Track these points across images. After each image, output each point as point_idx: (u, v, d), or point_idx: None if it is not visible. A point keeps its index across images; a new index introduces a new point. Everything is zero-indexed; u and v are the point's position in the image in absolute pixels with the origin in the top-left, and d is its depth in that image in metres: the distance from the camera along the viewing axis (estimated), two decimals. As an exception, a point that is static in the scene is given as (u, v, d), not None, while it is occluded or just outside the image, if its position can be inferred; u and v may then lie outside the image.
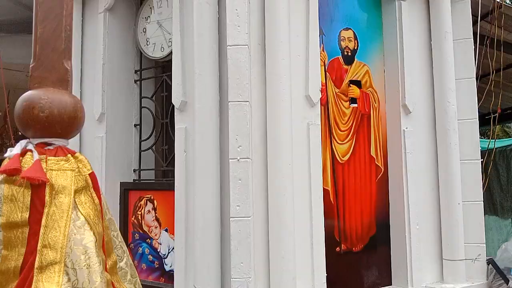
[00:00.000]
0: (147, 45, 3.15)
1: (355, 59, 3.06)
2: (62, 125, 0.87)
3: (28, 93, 0.87)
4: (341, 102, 2.95)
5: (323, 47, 2.89)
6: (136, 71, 3.26)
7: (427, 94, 3.23)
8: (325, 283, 2.60)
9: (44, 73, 0.87)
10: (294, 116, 2.51)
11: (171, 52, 2.95)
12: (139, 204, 2.98)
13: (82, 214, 0.86)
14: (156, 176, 3.23)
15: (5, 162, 0.86)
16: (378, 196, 3.07)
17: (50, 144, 0.89)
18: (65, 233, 0.82)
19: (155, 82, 3.32)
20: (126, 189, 3.02)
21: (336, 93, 2.93)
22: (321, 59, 2.79)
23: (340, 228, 2.89)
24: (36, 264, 0.79)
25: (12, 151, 0.87)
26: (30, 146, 0.88)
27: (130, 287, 0.96)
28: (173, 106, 2.75)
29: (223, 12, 2.50)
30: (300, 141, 2.54)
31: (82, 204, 0.87)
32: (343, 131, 2.93)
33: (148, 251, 2.88)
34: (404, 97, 3.02)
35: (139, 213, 2.97)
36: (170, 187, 2.70)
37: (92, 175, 0.92)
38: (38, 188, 0.83)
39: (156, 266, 2.84)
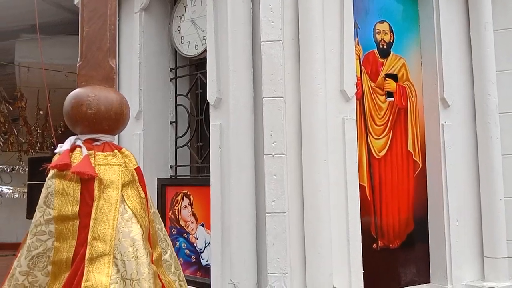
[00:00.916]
0: (182, 43, 3.20)
1: (391, 52, 3.00)
2: (109, 122, 0.90)
3: (76, 91, 0.90)
4: (377, 96, 2.90)
5: (357, 41, 2.85)
6: (171, 69, 3.32)
7: (467, 87, 3.12)
8: (362, 280, 2.58)
9: (91, 72, 0.90)
10: (329, 111, 2.48)
11: (205, 50, 2.98)
12: (175, 200, 3.04)
13: (129, 208, 0.89)
14: (192, 172, 3.28)
15: (55, 158, 0.90)
16: (415, 191, 3.00)
17: (97, 140, 0.92)
18: (114, 226, 0.84)
19: (190, 80, 3.36)
20: (163, 185, 3.08)
21: (371, 87, 2.88)
22: (356, 52, 2.75)
23: (376, 224, 2.85)
24: (87, 256, 0.82)
25: (62, 147, 0.91)
26: (78, 142, 0.91)
27: (174, 279, 0.98)
28: (208, 103, 2.78)
29: (257, 8, 2.50)
30: (335, 136, 2.51)
31: (129, 198, 0.90)
32: (379, 125, 2.88)
33: (185, 245, 2.94)
34: (443, 90, 2.94)
35: (176, 208, 3.02)
36: (206, 183, 2.74)
37: (137, 170, 0.94)
38: (87, 183, 0.86)
39: (193, 260, 2.89)
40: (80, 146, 0.90)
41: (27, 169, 10.71)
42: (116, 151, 0.92)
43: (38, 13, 3.51)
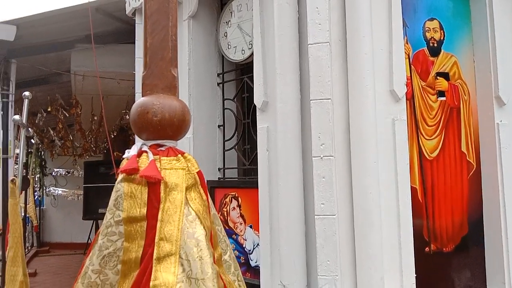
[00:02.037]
0: (229, 48, 3.26)
1: (442, 50, 2.91)
2: (173, 128, 0.95)
3: (142, 99, 0.96)
4: (428, 96, 2.83)
5: (406, 39, 2.79)
6: (218, 75, 3.39)
7: (524, 84, 2.98)
8: (415, 284, 2.51)
9: (155, 81, 0.95)
10: (379, 112, 2.45)
11: (252, 54, 3.02)
12: (224, 201, 3.09)
13: (193, 210, 0.93)
14: (239, 174, 3.33)
15: (123, 163, 0.96)
16: (470, 193, 2.89)
17: (162, 146, 0.97)
18: (179, 227, 0.88)
19: (237, 84, 3.42)
20: (212, 187, 3.15)
21: (422, 87, 2.81)
22: (405, 51, 2.69)
23: (429, 227, 2.77)
24: (155, 255, 0.86)
25: (130, 153, 0.96)
26: (145, 148, 0.96)
27: (233, 279, 1.01)
28: (255, 106, 2.82)
29: (303, 10, 2.51)
30: (385, 137, 2.47)
31: (192, 200, 0.94)
32: (431, 126, 2.81)
33: (234, 246, 2.98)
34: (498, 88, 2.82)
35: (225, 210, 3.08)
36: (253, 185, 2.77)
37: (199, 173, 0.98)
38: (154, 186, 0.91)
39: (242, 261, 2.93)
40: (146, 152, 0.95)
41: (82, 172, 11.24)
42: (179, 155, 0.96)
43: (91, 24, 3.69)
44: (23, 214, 8.26)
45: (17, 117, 2.16)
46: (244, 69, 3.29)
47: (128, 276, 0.89)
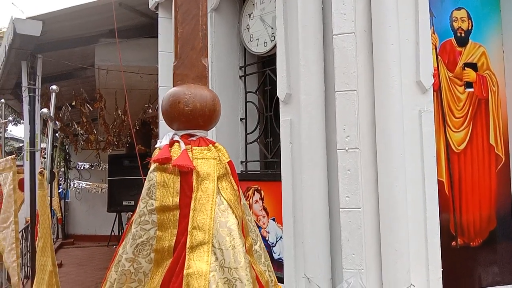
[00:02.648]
0: (251, 41, 3.25)
1: (470, 40, 2.84)
2: (204, 118, 0.95)
3: (173, 89, 0.96)
4: (455, 87, 2.76)
5: (433, 29, 2.73)
6: (240, 67, 3.38)
7: (555, 74, 2.88)
8: (441, 278, 2.47)
9: (185, 71, 0.95)
10: (405, 104, 2.40)
11: (274, 46, 3.00)
12: (247, 194, 3.10)
13: (225, 199, 0.93)
14: (262, 168, 3.33)
15: (156, 152, 0.96)
16: (498, 187, 2.82)
17: (193, 136, 0.97)
18: (212, 216, 0.89)
19: (259, 77, 3.41)
20: (235, 180, 3.15)
21: (449, 78, 2.75)
22: (432, 42, 2.63)
23: (456, 221, 2.72)
24: (188, 244, 0.87)
25: (162, 142, 0.97)
26: (176, 137, 0.97)
27: (264, 269, 1.01)
28: (277, 99, 2.80)
29: (328, 1, 2.47)
30: (411, 129, 2.43)
31: (224, 190, 0.94)
32: (458, 118, 2.74)
33: (258, 239, 2.99)
34: (528, 78, 2.74)
35: (248, 202, 3.08)
36: (276, 178, 2.77)
37: (230, 163, 0.98)
38: (186, 175, 0.91)
39: (265, 254, 2.93)
40: (178, 141, 0.96)
41: (105, 166, 11.43)
42: (210, 145, 0.96)
43: (115, 18, 3.72)
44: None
45: (45, 110, 2.20)
46: (266, 62, 3.27)
47: (161, 264, 0.90)
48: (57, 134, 9.37)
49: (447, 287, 2.50)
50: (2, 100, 4.28)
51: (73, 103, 6.29)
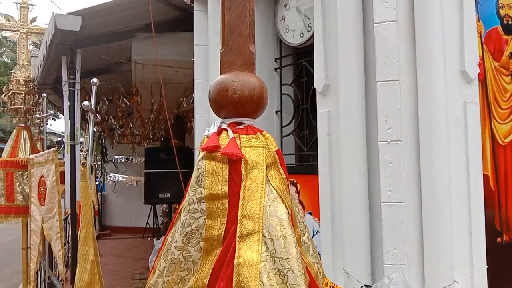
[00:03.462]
0: (287, 32, 3.21)
1: (518, 28, 2.70)
2: (252, 105, 0.93)
3: (221, 77, 0.95)
4: (501, 77, 2.64)
5: (478, 17, 2.61)
6: (275, 59, 3.35)
7: None
8: (486, 276, 2.38)
9: (232, 58, 0.94)
10: (449, 94, 2.31)
11: (311, 37, 2.95)
12: (283, 188, 3.07)
13: (274, 188, 0.91)
14: (297, 161, 3.29)
15: (203, 141, 0.95)
16: (548, 182, 2.68)
17: (240, 124, 0.95)
18: (261, 205, 0.87)
19: (294, 69, 3.37)
20: (271, 173, 3.13)
21: (495, 67, 2.62)
22: (477, 30, 2.52)
23: (501, 217, 2.61)
24: (238, 233, 0.86)
25: (210, 131, 0.96)
26: (224, 126, 0.95)
27: (313, 261, 0.99)
28: (313, 91, 2.75)
29: (368, -11, 2.41)
30: (456, 121, 2.34)
31: (272, 179, 0.92)
32: (504, 109, 2.62)
33: (294, 233, 2.96)
34: None
35: (284, 196, 3.06)
36: (312, 171, 2.73)
37: (278, 152, 0.96)
38: (235, 163, 0.90)
39: (302, 248, 2.91)
40: (226, 130, 0.94)
41: (140, 159, 11.67)
42: (258, 133, 0.94)
43: (151, 12, 3.76)
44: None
45: (86, 103, 2.25)
46: (302, 53, 3.23)
47: (211, 253, 0.89)
48: (94, 128, 9.63)
49: (492, 284, 2.40)
50: (44, 94, 4.43)
51: (110, 98, 6.43)
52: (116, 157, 12.24)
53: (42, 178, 3.58)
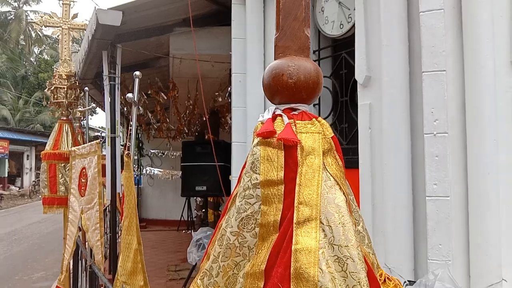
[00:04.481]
0: (326, 23, 3.16)
1: None
2: (307, 91, 0.91)
3: (275, 62, 0.93)
4: (555, 67, 2.50)
5: (530, 5, 2.48)
6: (314, 51, 3.31)
7: None
8: (536, 275, 2.28)
9: (287, 42, 0.92)
10: (498, 85, 2.22)
11: (351, 28, 2.90)
12: (322, 181, 3.04)
13: (331, 175, 0.90)
14: (336, 155, 3.25)
15: (258, 127, 0.95)
16: None
17: (295, 110, 0.94)
18: (318, 192, 0.86)
19: (333, 61, 3.32)
20: (309, 166, 3.11)
21: (548, 57, 2.49)
22: (529, 18, 2.40)
23: (553, 214, 2.48)
24: (295, 220, 0.84)
25: (264, 117, 0.95)
26: (278, 112, 0.94)
27: (368, 251, 0.96)
28: (353, 83, 2.70)
29: (413, -23, 2.34)
30: (505, 113, 2.24)
31: (329, 165, 0.90)
32: (558, 101, 2.49)
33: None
34: None
35: (323, 190, 3.03)
36: (352, 165, 2.68)
37: (334, 138, 0.94)
38: (290, 149, 0.88)
39: (341, 242, 2.87)
40: (280, 115, 0.93)
41: (175, 153, 11.85)
42: (314, 119, 0.93)
43: (190, 7, 3.79)
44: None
45: (130, 95, 2.29)
46: (341, 45, 3.18)
47: (266, 239, 0.88)
48: (131, 123, 9.84)
49: (542, 284, 2.30)
50: (86, 88, 4.56)
51: (149, 92, 6.54)
52: (152, 151, 12.50)
53: (84, 170, 3.69)
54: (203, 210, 9.30)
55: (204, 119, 6.86)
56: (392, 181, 2.33)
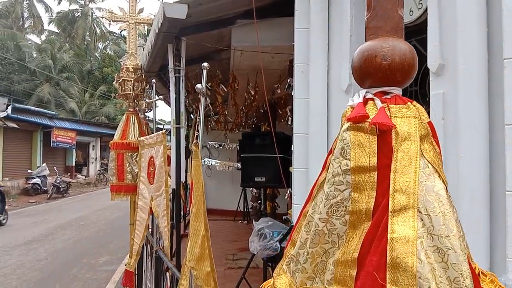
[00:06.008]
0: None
1: None
2: (402, 73, 0.87)
3: (367, 43, 0.90)
4: None
5: None
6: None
7: None
8: None
9: (379, 23, 0.89)
10: None
11: (422, 14, 2.77)
12: (388, 174, 2.95)
13: (429, 162, 0.85)
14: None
15: (347, 112, 0.92)
16: None
17: (387, 93, 0.90)
18: (416, 180, 0.82)
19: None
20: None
21: None
22: None
23: None
24: (390, 208, 0.81)
25: (354, 101, 0.92)
26: (369, 95, 0.91)
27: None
28: (424, 72, 2.58)
29: (495, -43, 2.18)
30: None
31: (426, 152, 0.86)
32: None
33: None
34: None
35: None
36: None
37: (430, 124, 0.90)
38: (383, 135, 0.85)
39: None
40: (372, 99, 0.90)
41: (232, 145, 12.04)
42: (409, 103, 0.89)
43: (250, -2, 3.79)
44: (184, 181, 9.16)
45: (199, 86, 2.33)
46: (410, 32, 3.04)
47: (358, 227, 0.86)
48: (191, 115, 10.10)
49: None
50: (154, 80, 4.71)
51: (210, 84, 6.66)
52: (210, 143, 12.76)
53: (152, 159, 3.83)
54: (259, 201, 9.37)
55: (262, 111, 6.87)
56: (467, 174, 2.21)
